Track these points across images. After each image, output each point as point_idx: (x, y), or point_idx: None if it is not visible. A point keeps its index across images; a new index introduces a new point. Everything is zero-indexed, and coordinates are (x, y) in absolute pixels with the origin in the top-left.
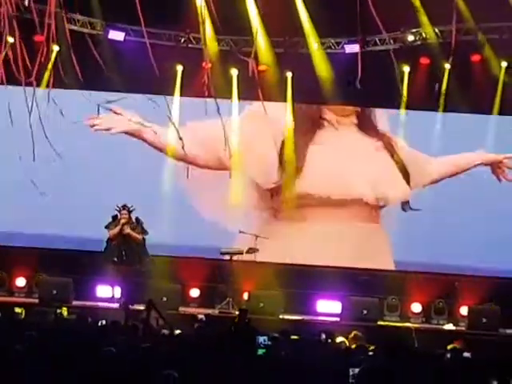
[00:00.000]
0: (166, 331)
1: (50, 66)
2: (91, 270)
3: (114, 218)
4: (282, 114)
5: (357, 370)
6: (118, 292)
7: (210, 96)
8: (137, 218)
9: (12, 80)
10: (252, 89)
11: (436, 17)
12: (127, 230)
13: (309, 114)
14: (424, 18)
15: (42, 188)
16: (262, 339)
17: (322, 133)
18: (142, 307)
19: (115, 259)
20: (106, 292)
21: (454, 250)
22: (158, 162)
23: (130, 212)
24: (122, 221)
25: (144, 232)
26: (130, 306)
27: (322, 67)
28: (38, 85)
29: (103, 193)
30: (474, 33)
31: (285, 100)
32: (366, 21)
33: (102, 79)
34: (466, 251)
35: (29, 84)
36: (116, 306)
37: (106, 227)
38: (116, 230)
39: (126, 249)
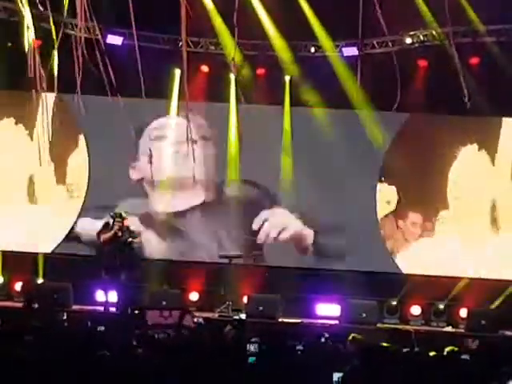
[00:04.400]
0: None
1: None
2: (91, 274)
3: (106, 224)
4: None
5: (340, 375)
6: (114, 297)
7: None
8: (129, 226)
9: None
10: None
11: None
12: (120, 235)
13: None
14: (430, 19)
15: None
16: (252, 347)
17: None
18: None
19: (109, 264)
20: (105, 296)
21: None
22: None
23: (123, 219)
24: (116, 227)
25: (136, 238)
26: (130, 311)
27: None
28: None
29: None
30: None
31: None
32: (364, 24)
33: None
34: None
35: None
36: (113, 310)
37: (98, 233)
38: (109, 235)
39: (118, 254)
